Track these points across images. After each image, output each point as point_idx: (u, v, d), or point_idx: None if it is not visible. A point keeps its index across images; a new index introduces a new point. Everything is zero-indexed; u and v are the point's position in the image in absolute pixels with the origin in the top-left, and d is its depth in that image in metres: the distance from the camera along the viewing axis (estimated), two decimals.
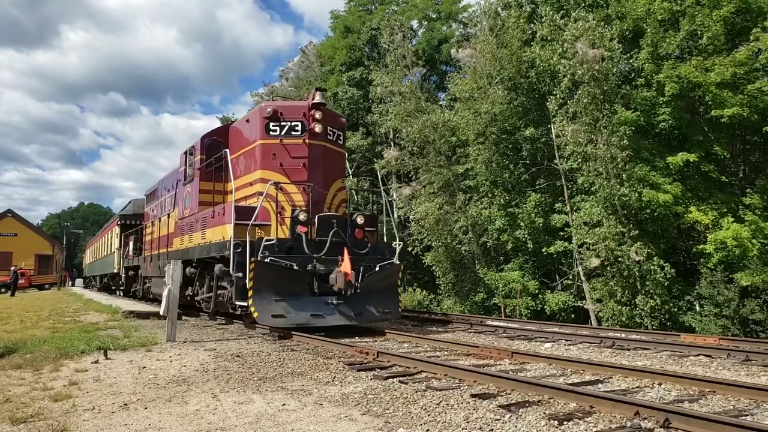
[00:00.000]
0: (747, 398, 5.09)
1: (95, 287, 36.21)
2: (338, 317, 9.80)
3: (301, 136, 10.92)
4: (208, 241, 11.49)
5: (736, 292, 15.03)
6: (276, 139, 10.93)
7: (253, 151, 11.22)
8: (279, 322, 9.41)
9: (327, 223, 10.38)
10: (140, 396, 5.24)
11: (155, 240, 16.89)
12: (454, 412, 4.52)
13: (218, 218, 11.09)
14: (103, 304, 18.61)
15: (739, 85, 15.80)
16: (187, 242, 13.11)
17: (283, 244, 9.84)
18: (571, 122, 17.49)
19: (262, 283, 9.44)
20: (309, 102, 11.14)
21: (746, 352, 7.73)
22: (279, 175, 10.68)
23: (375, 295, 10.46)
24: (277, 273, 9.57)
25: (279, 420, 4.37)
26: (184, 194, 13.99)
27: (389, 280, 11.02)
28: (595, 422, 4.25)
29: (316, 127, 10.94)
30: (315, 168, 10.93)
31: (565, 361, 7.01)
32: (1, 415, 4.52)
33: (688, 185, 16.96)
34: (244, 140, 11.77)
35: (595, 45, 16.59)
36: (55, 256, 57.95)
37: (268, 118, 10.96)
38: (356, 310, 10.07)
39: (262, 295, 9.45)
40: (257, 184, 10.90)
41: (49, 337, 9.46)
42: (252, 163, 11.23)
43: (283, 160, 10.85)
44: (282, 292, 9.60)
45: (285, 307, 9.53)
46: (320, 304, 9.80)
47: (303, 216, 10.14)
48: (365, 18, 32.15)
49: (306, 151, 10.88)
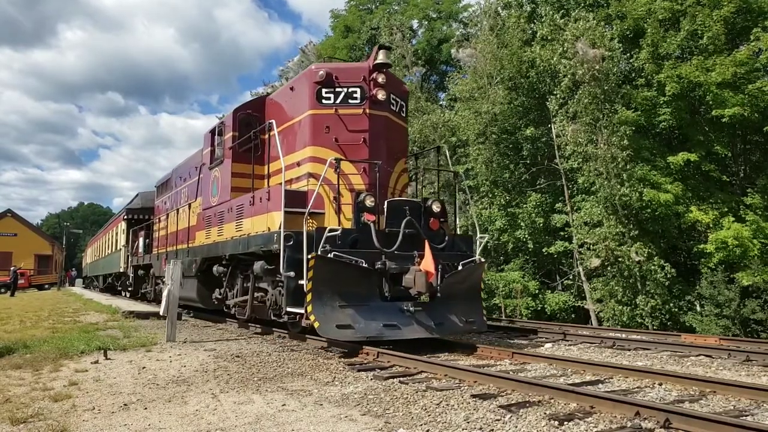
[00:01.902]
0: (747, 398, 5.08)
1: (97, 288, 35.09)
2: (416, 328, 7.93)
3: (360, 104, 9.09)
4: (246, 233, 9.66)
5: (737, 292, 15.02)
6: (330, 109, 9.10)
7: (301, 124, 9.41)
8: (346, 335, 7.47)
9: (398, 211, 8.58)
10: (140, 396, 5.24)
11: (171, 235, 15.12)
12: (455, 413, 4.51)
13: (260, 205, 9.30)
14: (102, 304, 18.62)
15: (740, 85, 15.79)
16: (215, 236, 11.27)
17: (346, 236, 8.02)
18: (571, 122, 17.49)
19: (323, 284, 7.55)
20: (370, 63, 9.21)
21: (747, 352, 7.73)
22: (333, 152, 8.83)
23: (456, 301, 8.64)
24: (341, 272, 7.70)
25: (279, 420, 4.36)
26: (210, 180, 12.22)
27: (472, 281, 9.18)
28: (596, 422, 4.24)
29: (378, 93, 9.09)
30: (377, 144, 9.09)
31: (565, 361, 7.00)
32: (1, 416, 4.51)
33: (689, 185, 16.95)
34: (286, 113, 9.97)
35: (595, 45, 16.59)
36: (55, 256, 57.96)
37: (320, 83, 9.12)
38: (436, 320, 8.19)
39: (324, 300, 7.53)
40: (306, 164, 9.10)
41: (49, 338, 9.46)
42: (299, 139, 9.40)
43: (338, 134, 9.02)
44: (347, 296, 7.70)
45: (352, 315, 7.62)
46: (393, 311, 7.92)
47: (370, 201, 8.39)
48: (365, 17, 32.18)
49: (366, 123, 9.06)
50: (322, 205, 8.72)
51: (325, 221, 8.59)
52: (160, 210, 17.93)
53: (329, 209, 8.71)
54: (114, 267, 25.18)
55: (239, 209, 10.19)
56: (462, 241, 9.52)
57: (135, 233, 20.44)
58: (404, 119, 10.19)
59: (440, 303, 8.38)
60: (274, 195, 8.80)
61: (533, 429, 4.07)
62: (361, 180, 8.90)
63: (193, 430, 4.15)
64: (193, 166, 14.08)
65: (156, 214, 18.44)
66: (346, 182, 8.75)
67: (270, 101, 10.96)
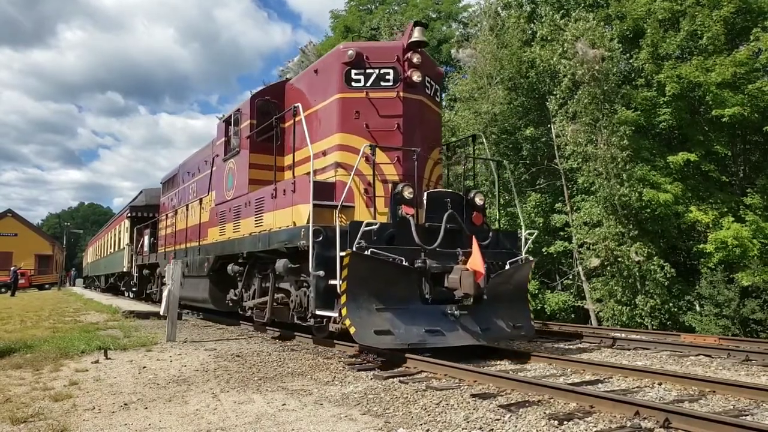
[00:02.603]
0: (747, 398, 5.09)
1: (99, 288, 34.44)
2: (461, 334, 7.15)
3: (393, 87, 8.35)
4: (267, 228, 8.94)
5: (737, 292, 15.02)
6: (360, 92, 8.34)
7: (328, 109, 8.64)
8: (385, 342, 6.66)
9: (439, 204, 7.86)
10: (140, 396, 5.25)
11: (180, 232, 14.45)
12: (454, 412, 4.52)
13: (284, 198, 8.54)
14: (103, 304, 18.64)
15: (740, 85, 15.80)
16: (231, 232, 10.52)
17: (382, 232, 7.24)
18: (571, 122, 17.49)
19: (359, 285, 6.76)
20: (404, 41, 8.44)
21: (746, 352, 7.74)
22: (364, 139, 8.03)
23: (502, 303, 7.86)
24: (379, 271, 6.90)
25: (279, 420, 4.37)
26: (224, 173, 11.46)
27: (518, 281, 8.39)
28: (596, 422, 4.25)
29: (413, 75, 8.31)
30: (412, 130, 8.34)
31: (565, 360, 7.01)
32: (2, 415, 4.52)
33: (689, 185, 16.94)
34: (309, 99, 9.24)
35: (595, 45, 16.59)
36: (55, 256, 57.98)
37: (350, 64, 8.37)
38: (482, 325, 7.41)
39: (360, 303, 6.74)
40: (334, 153, 8.33)
41: (50, 337, 9.47)
42: (325, 126, 8.61)
43: (369, 119, 8.26)
44: (385, 298, 6.93)
45: (391, 319, 6.82)
46: (436, 315, 7.13)
47: (409, 192, 7.60)
48: (365, 18, 32.17)
49: (400, 108, 8.31)
50: (352, 197, 7.96)
51: (355, 216, 7.79)
52: (166, 207, 17.41)
53: (359, 202, 7.98)
54: (117, 266, 24.51)
55: (259, 203, 9.43)
56: (506, 237, 8.74)
57: (140, 231, 19.79)
58: (439, 104, 9.49)
59: (486, 306, 7.51)
60: (302, 186, 7.99)
61: (533, 428, 4.08)
62: (394, 170, 8.12)
63: (194, 430, 4.16)
64: (203, 159, 13.51)
65: (162, 211, 17.88)
66: (378, 173, 7.92)
67: (290, 87, 10.18)
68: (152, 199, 20.64)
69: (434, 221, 7.68)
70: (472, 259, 7.22)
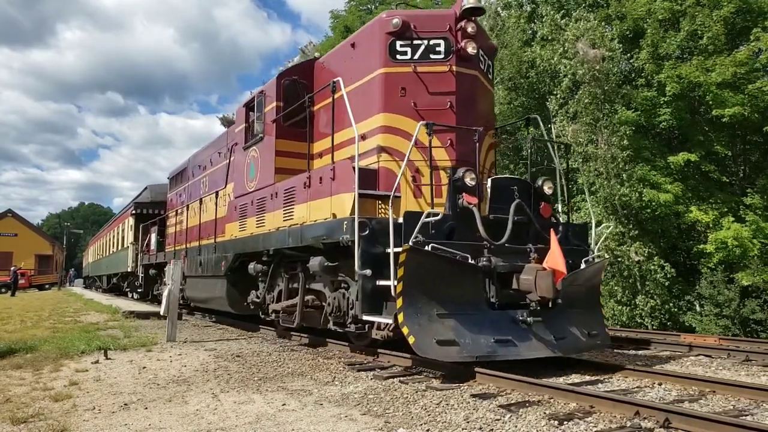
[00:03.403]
0: (747, 398, 5.09)
1: (100, 288, 33.59)
2: (535, 345, 6.18)
3: (445, 60, 7.32)
4: (298, 222, 8.00)
5: (737, 292, 15.02)
6: (406, 66, 7.31)
7: (368, 87, 7.60)
8: (450, 354, 5.70)
9: (506, 192, 6.86)
10: (140, 396, 5.25)
11: (192, 229, 13.56)
12: (454, 412, 4.52)
13: (321, 187, 7.53)
14: (103, 304, 18.65)
15: (740, 85, 15.80)
16: (254, 227, 9.56)
17: (441, 224, 6.27)
18: (571, 122, 17.49)
19: (418, 286, 5.82)
20: (456, 8, 7.40)
21: (746, 352, 7.73)
22: (411, 120, 7.09)
23: (575, 308, 6.87)
24: (441, 270, 5.96)
25: (279, 420, 4.37)
26: (245, 162, 10.45)
27: (591, 283, 7.37)
28: (596, 422, 4.25)
29: (468, 46, 7.29)
30: (467, 110, 7.35)
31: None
32: (2, 415, 4.52)
33: (689, 185, 16.95)
34: (345, 76, 7.97)
35: (595, 45, 16.60)
36: (56, 256, 58.01)
37: (394, 34, 7.34)
38: (557, 333, 6.41)
39: (419, 307, 5.80)
40: (376, 136, 7.34)
41: (50, 337, 9.47)
42: (365, 106, 7.52)
43: (417, 97, 7.26)
44: (447, 302, 5.97)
45: (455, 327, 5.87)
46: (504, 322, 6.18)
47: (471, 179, 6.51)
48: (365, 18, 32.14)
49: (453, 84, 7.30)
50: (398, 186, 6.83)
51: (401, 207, 6.79)
52: (173, 203, 16.64)
53: (406, 192, 7.00)
54: (120, 266, 23.61)
55: (288, 194, 8.44)
56: (575, 231, 7.61)
57: (146, 229, 18.90)
58: (492, 83, 8.56)
59: (558, 312, 6.57)
60: (343, 172, 6.96)
61: (533, 429, 4.08)
62: (446, 154, 7.09)
63: (194, 430, 4.16)
64: (216, 151, 12.74)
65: (169, 207, 17.12)
66: (425, 158, 6.86)
67: (320, 65, 9.18)
68: (158, 195, 19.90)
69: (499, 213, 6.68)
70: (551, 257, 6.23)
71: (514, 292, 6.32)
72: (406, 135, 6.99)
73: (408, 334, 5.64)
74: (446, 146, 7.15)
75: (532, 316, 6.21)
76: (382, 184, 7.03)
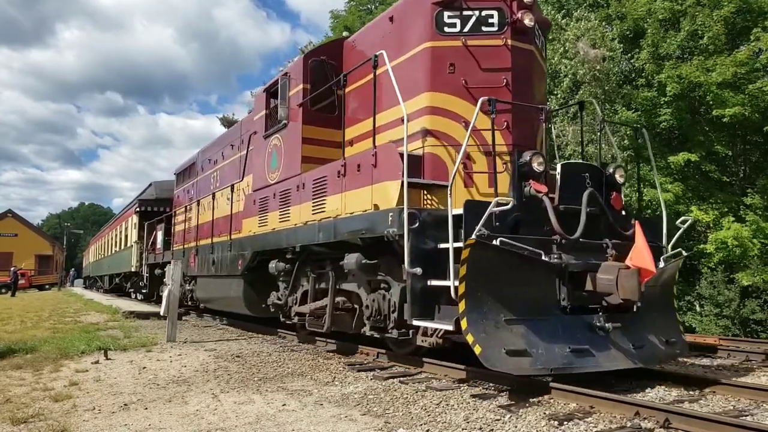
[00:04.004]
0: (747, 398, 5.08)
1: (102, 289, 32.83)
2: (614, 354, 5.40)
3: (499, 33, 6.51)
4: (331, 215, 7.15)
5: (737, 292, 15.02)
6: (455, 40, 6.51)
7: (412, 63, 6.78)
8: (522, 366, 4.91)
9: (577, 180, 6.01)
10: (140, 396, 5.25)
11: (204, 226, 12.79)
12: (454, 413, 4.52)
13: (359, 175, 6.66)
14: (103, 304, 18.66)
15: (740, 85, 15.80)
16: (276, 222, 8.70)
17: (505, 216, 5.48)
18: (571, 122, 17.49)
19: (483, 287, 5.08)
20: None
21: (746, 352, 7.73)
22: (462, 100, 6.39)
23: (651, 313, 6.08)
24: (510, 269, 5.19)
25: (279, 420, 4.37)
26: (265, 152, 9.59)
27: (666, 284, 6.55)
28: (596, 422, 4.25)
29: (525, 18, 6.49)
30: (524, 88, 6.55)
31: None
32: (2, 416, 4.52)
33: (689, 185, 16.95)
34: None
35: (596, 45, 16.60)
36: (56, 257, 58.02)
37: (441, 4, 6.57)
38: (635, 341, 5.65)
39: (484, 312, 5.05)
40: (421, 118, 6.53)
41: (50, 338, 9.48)
42: (408, 84, 6.59)
43: (468, 74, 6.45)
44: (515, 305, 5.19)
45: (525, 335, 5.10)
46: (580, 328, 5.41)
47: (539, 164, 5.71)
48: (365, 18, 32.15)
49: (509, 59, 6.49)
50: (447, 174, 6.09)
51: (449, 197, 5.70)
52: (181, 200, 15.94)
53: (457, 180, 5.96)
54: (123, 266, 22.66)
55: (318, 184, 7.59)
56: (647, 225, 6.47)
57: (151, 227, 17.95)
58: (546, 61, 7.76)
59: (636, 317, 5.84)
60: (387, 158, 6.18)
61: (533, 429, 4.08)
62: (502, 138, 6.25)
63: (194, 430, 4.16)
64: (229, 143, 12.01)
65: (176, 204, 16.44)
66: (479, 142, 6.24)
67: (349, 45, 8.37)
68: (164, 192, 19.20)
69: (570, 203, 5.82)
70: (637, 254, 5.50)
71: (587, 294, 5.54)
72: (455, 116, 6.37)
73: (473, 343, 4.86)
74: (502, 128, 6.30)
75: (610, 322, 5.46)
76: (428, 172, 6.33)
